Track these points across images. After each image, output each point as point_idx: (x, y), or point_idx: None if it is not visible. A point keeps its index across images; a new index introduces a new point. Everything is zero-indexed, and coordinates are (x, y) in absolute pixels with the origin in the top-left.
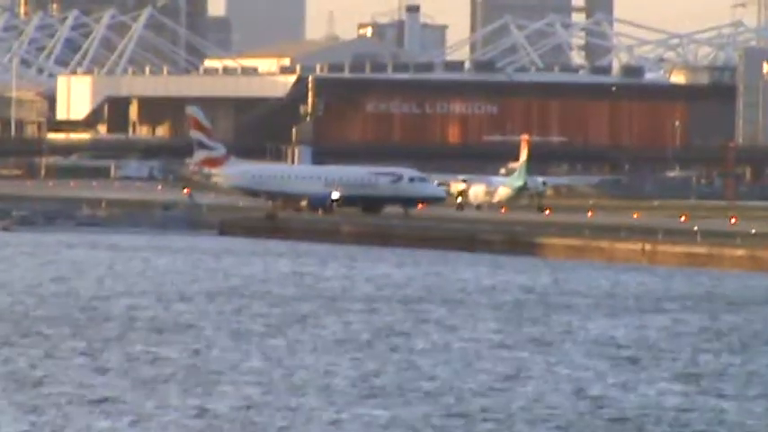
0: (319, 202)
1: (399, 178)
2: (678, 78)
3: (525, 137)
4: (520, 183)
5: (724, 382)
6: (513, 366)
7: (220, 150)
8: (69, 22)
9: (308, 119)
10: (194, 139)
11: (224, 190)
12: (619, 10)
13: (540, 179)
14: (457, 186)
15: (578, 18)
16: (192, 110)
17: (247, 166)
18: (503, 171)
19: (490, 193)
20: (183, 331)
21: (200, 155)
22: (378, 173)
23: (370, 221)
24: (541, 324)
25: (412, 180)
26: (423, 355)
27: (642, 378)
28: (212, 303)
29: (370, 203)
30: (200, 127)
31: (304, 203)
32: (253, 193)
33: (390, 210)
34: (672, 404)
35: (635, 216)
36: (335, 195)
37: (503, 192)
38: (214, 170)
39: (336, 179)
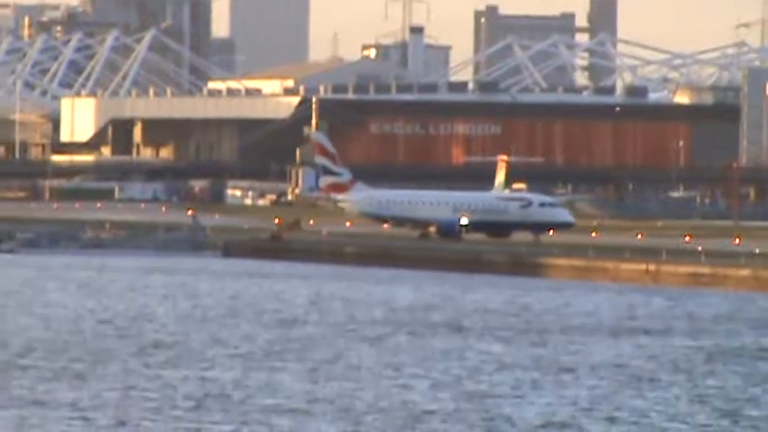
0: (448, 229)
1: (529, 203)
2: (682, 98)
3: (503, 157)
4: None
5: None
6: None
7: (346, 176)
8: (73, 44)
9: (311, 140)
10: (319, 164)
11: (351, 216)
12: (622, 30)
13: None
14: None
15: (582, 38)
16: (316, 136)
17: (374, 192)
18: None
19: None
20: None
21: (325, 180)
22: (507, 198)
23: (374, 242)
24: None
25: (542, 205)
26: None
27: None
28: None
29: (498, 229)
30: (325, 153)
31: (432, 229)
32: (380, 218)
33: (520, 236)
34: None
35: (639, 236)
36: (464, 221)
37: None
38: (340, 196)
39: (464, 204)
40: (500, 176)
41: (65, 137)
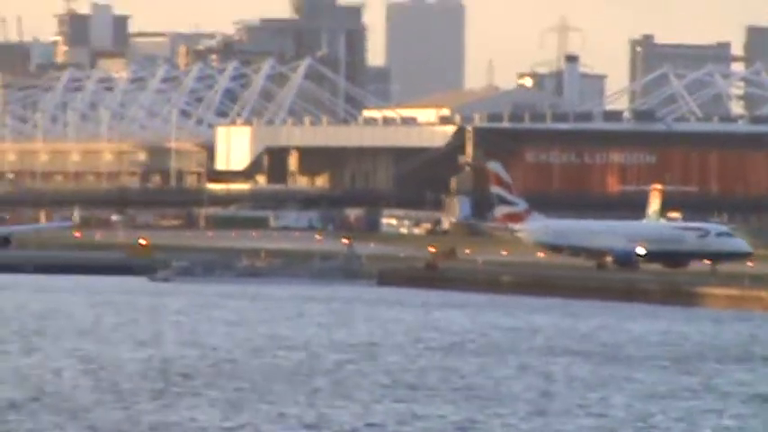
0: (624, 259)
1: (706, 233)
2: None
3: (657, 186)
4: None
5: None
6: None
7: (522, 206)
8: (229, 72)
9: (467, 169)
10: (495, 194)
11: (528, 246)
12: None
13: None
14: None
15: (737, 68)
16: (493, 165)
17: (550, 222)
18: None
19: None
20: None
21: (501, 210)
22: (684, 228)
23: (530, 271)
24: None
25: (719, 235)
26: None
27: None
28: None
29: (675, 259)
30: (500, 182)
31: (609, 259)
32: (555, 248)
33: (696, 266)
34: None
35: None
36: (641, 251)
37: None
38: (516, 226)
39: (640, 234)
40: (654, 205)
41: (220, 165)
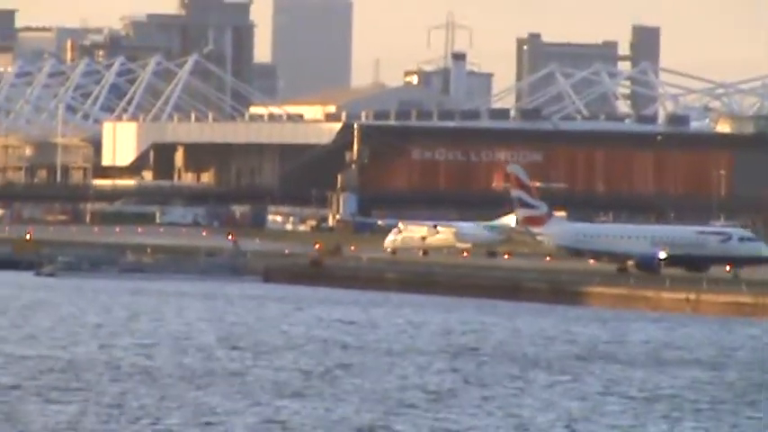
0: (647, 263)
1: (729, 237)
2: (723, 128)
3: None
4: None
5: None
6: None
7: (542, 209)
8: (115, 68)
9: (353, 166)
10: (515, 197)
11: (548, 249)
12: (664, 59)
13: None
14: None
15: (624, 67)
16: (513, 168)
17: (571, 225)
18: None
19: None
20: None
21: (522, 213)
22: (706, 232)
23: (413, 269)
24: None
25: (742, 239)
26: None
27: None
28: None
29: (696, 263)
30: (521, 185)
31: (631, 263)
32: (577, 252)
33: (716, 270)
34: None
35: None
36: (662, 255)
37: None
38: (537, 229)
39: (663, 238)
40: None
41: (106, 161)
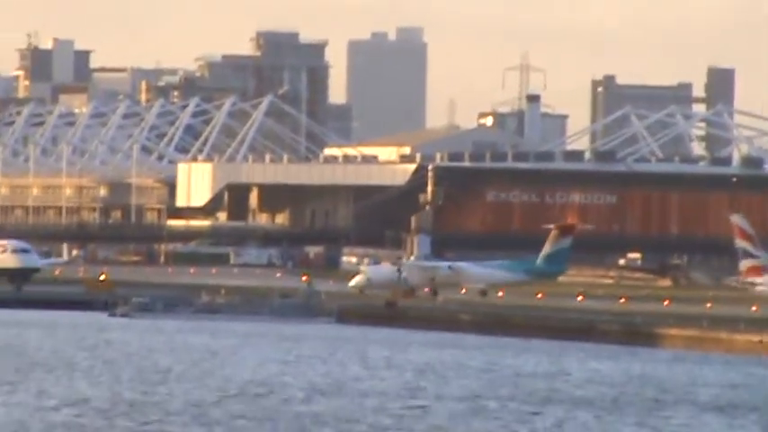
0: None
1: None
2: None
3: (551, 226)
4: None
5: None
6: None
7: (765, 259)
8: (190, 108)
9: (428, 207)
10: (739, 248)
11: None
12: (739, 101)
13: (446, 264)
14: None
15: (699, 109)
16: (737, 218)
17: None
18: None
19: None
20: None
21: (745, 264)
22: None
23: (489, 310)
24: None
25: None
26: None
27: None
28: None
29: None
30: (745, 236)
31: None
32: None
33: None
34: None
35: (753, 308)
36: None
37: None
38: (757, 279)
39: None
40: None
41: (181, 201)
